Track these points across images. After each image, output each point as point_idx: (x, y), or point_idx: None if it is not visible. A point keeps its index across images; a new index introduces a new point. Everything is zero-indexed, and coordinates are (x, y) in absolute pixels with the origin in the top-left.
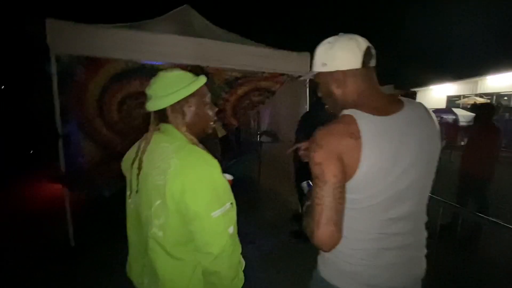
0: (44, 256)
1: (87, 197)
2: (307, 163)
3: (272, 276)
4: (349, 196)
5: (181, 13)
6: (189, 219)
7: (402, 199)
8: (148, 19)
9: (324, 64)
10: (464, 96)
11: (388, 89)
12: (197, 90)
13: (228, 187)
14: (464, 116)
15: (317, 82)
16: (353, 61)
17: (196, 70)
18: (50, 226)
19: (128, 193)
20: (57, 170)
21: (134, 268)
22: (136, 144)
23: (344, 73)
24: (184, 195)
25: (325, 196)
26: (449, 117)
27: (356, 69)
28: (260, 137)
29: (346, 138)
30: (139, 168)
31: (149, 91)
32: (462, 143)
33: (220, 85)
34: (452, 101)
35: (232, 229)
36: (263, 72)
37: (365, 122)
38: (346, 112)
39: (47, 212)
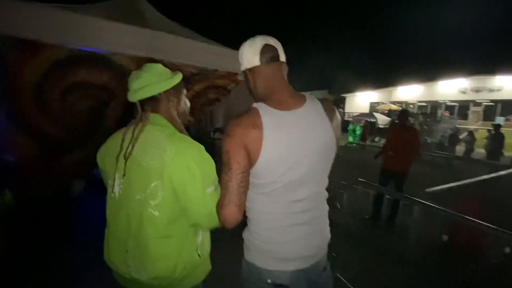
0: None
1: (19, 198)
2: None
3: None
4: (255, 181)
5: (130, 2)
6: (187, 196)
7: (301, 184)
8: (89, 3)
9: (240, 64)
10: (382, 103)
11: (322, 93)
12: (180, 82)
13: (214, 165)
14: (382, 120)
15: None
16: (253, 59)
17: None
18: None
19: (110, 182)
20: None
21: (115, 255)
22: (119, 133)
23: (250, 70)
24: (183, 175)
25: (229, 181)
26: (371, 120)
27: (257, 67)
28: (213, 134)
29: (251, 128)
30: (129, 154)
31: (138, 81)
32: (376, 140)
33: None
34: (374, 107)
35: None
36: (216, 70)
37: (267, 115)
38: (253, 105)
39: None
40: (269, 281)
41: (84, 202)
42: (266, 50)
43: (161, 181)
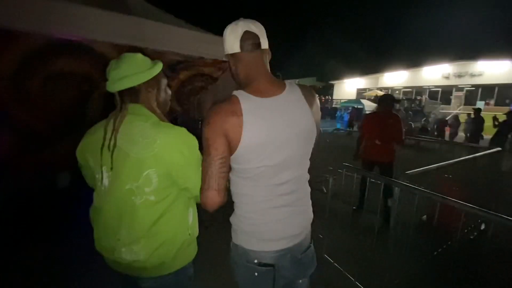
0: None
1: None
2: None
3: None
4: (238, 166)
5: None
6: (185, 177)
7: (283, 168)
8: None
9: (224, 47)
10: (369, 89)
11: (311, 80)
12: (160, 72)
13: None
14: (369, 106)
15: None
16: (234, 45)
17: (134, 51)
18: None
19: (97, 176)
20: None
21: (106, 243)
22: (99, 126)
23: (231, 56)
24: (178, 160)
25: (208, 167)
26: (358, 106)
27: (237, 53)
28: (201, 123)
29: (230, 116)
30: (113, 146)
31: (116, 71)
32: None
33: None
34: (360, 93)
35: None
36: (201, 58)
37: (247, 102)
38: (233, 93)
39: None
40: (255, 261)
41: (71, 194)
42: (247, 37)
43: (154, 169)
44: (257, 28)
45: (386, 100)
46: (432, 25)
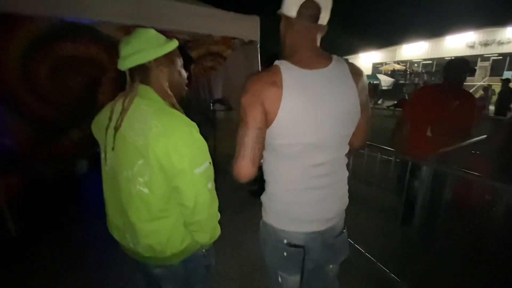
0: None
1: (24, 181)
2: None
3: (236, 228)
4: (272, 141)
5: None
6: (174, 176)
7: (320, 148)
8: None
9: (282, 2)
10: (386, 63)
11: None
12: (174, 50)
13: (206, 147)
14: (385, 81)
15: None
16: (291, 8)
17: None
18: None
19: (103, 155)
20: None
21: (114, 226)
22: (109, 105)
23: (286, 19)
24: (169, 154)
25: (244, 136)
26: (374, 82)
27: (292, 18)
28: (213, 105)
29: (269, 86)
30: (117, 128)
31: (127, 47)
32: (379, 102)
33: None
34: (376, 68)
35: (210, 184)
36: (210, 35)
37: (289, 73)
38: (276, 62)
39: None
40: (285, 241)
41: (89, 180)
42: (308, 5)
43: (146, 160)
44: None
45: (455, 68)
46: None
